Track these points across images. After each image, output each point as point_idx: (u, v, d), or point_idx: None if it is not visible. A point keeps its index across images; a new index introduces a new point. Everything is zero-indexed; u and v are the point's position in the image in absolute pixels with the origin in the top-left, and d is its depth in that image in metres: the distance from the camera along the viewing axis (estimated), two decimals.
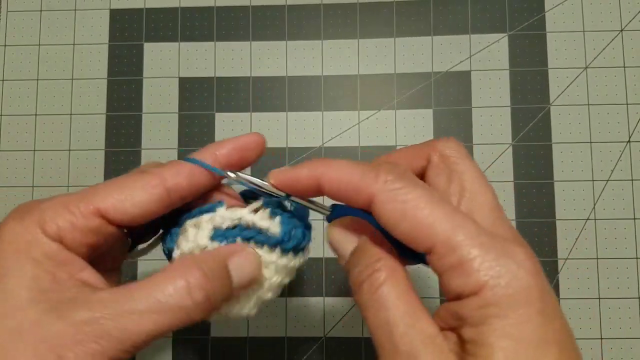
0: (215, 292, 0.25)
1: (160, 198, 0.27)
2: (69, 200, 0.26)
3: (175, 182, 0.27)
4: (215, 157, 0.29)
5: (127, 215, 0.26)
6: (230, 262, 0.26)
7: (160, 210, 0.27)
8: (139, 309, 0.23)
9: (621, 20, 0.47)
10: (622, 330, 0.44)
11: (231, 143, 0.29)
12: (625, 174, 0.46)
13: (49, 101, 0.48)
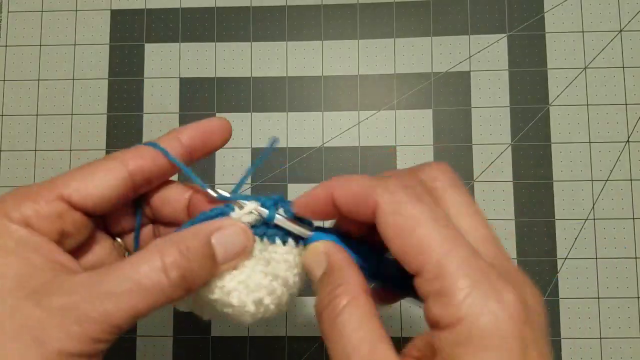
0: (193, 270, 0.25)
1: (122, 181, 0.27)
2: (30, 189, 0.26)
3: (137, 165, 0.27)
4: (179, 141, 0.28)
5: (90, 198, 0.26)
6: (214, 238, 0.26)
7: (124, 193, 0.27)
8: (115, 291, 0.23)
9: (620, 21, 0.47)
10: (622, 329, 0.44)
11: (194, 127, 0.29)
12: (624, 174, 0.46)
13: (49, 101, 0.48)
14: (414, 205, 0.23)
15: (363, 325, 0.23)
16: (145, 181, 0.28)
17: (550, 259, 0.45)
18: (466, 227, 0.24)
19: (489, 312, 0.20)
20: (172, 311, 0.46)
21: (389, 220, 0.23)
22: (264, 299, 0.27)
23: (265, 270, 0.27)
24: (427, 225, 0.22)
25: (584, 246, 0.45)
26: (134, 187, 0.27)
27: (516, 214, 0.46)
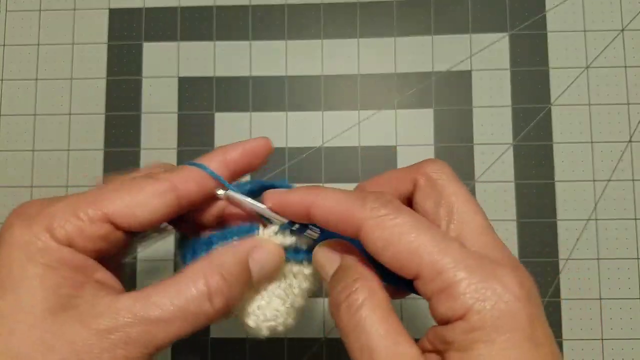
0: (235, 296, 0.25)
1: (170, 204, 0.26)
2: (77, 205, 0.25)
3: (185, 189, 0.27)
4: (224, 162, 0.28)
5: (136, 221, 0.26)
6: (251, 259, 0.26)
7: (169, 216, 0.27)
8: (162, 318, 0.23)
9: (622, 20, 0.47)
10: (623, 330, 0.44)
11: (240, 148, 0.29)
12: (627, 174, 0.45)
13: (48, 101, 0.48)
14: (395, 216, 0.24)
15: (384, 319, 0.23)
16: (191, 205, 0.28)
17: (552, 259, 0.45)
18: (465, 217, 0.25)
19: (493, 294, 0.21)
20: None
21: (374, 236, 0.23)
22: (278, 327, 0.27)
23: (284, 297, 0.28)
24: (413, 231, 0.23)
25: (585, 247, 0.45)
26: (179, 210, 0.27)
27: (518, 214, 0.45)
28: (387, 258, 0.23)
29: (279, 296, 0.28)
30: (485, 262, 0.22)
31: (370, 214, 0.24)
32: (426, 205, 0.26)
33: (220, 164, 0.28)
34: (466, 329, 0.21)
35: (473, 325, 0.21)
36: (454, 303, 0.22)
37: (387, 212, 0.24)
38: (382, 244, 0.23)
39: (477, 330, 0.21)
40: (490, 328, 0.21)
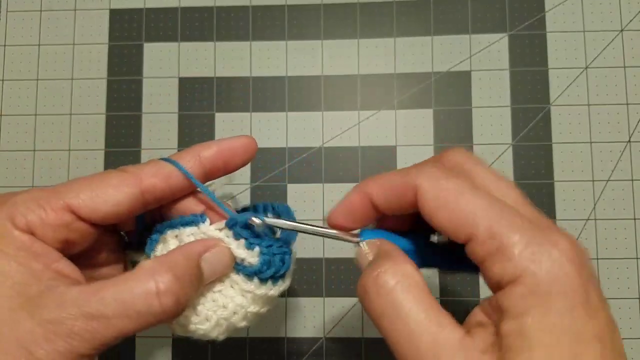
0: (186, 295, 0.25)
1: (133, 198, 0.26)
2: (40, 195, 0.25)
3: (150, 183, 0.26)
4: (199, 160, 0.28)
5: (98, 212, 0.26)
6: (203, 259, 0.26)
7: (134, 210, 0.27)
8: (106, 312, 0.23)
9: (621, 20, 0.47)
10: (623, 330, 0.44)
11: (217, 146, 0.29)
12: (626, 174, 0.46)
13: (48, 101, 0.48)
14: (452, 179, 0.24)
15: (421, 300, 0.23)
16: (157, 200, 0.27)
17: None
18: (501, 194, 0.24)
19: (549, 259, 0.21)
20: None
21: (430, 196, 0.24)
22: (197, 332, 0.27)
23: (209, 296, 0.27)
24: (470, 193, 0.23)
25: (585, 246, 0.45)
26: (144, 204, 0.27)
27: None
28: (441, 219, 0.23)
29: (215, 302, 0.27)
30: (539, 227, 0.22)
31: (429, 177, 0.24)
32: None
33: (194, 162, 0.28)
34: (521, 293, 0.21)
35: (528, 288, 0.21)
36: (508, 264, 0.21)
37: (444, 175, 0.24)
38: (438, 204, 0.23)
39: (532, 295, 0.21)
40: (545, 292, 0.21)
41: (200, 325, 0.27)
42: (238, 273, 0.27)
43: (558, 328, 0.20)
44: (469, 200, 0.23)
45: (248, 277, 0.27)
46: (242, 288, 0.27)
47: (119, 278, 0.24)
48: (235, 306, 0.27)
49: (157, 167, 0.27)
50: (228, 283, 0.28)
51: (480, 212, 0.23)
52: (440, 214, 0.23)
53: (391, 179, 0.26)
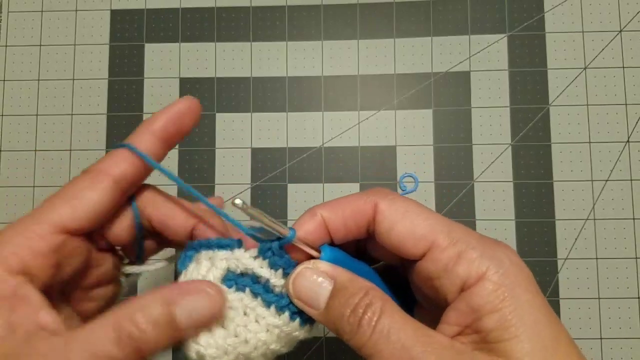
0: (150, 342, 0.24)
1: (110, 191, 0.26)
2: (24, 227, 0.25)
3: (120, 172, 0.26)
4: (152, 133, 0.28)
5: (85, 219, 0.25)
6: (179, 307, 0.24)
7: (116, 202, 0.27)
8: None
9: (620, 21, 0.47)
10: (622, 330, 0.44)
11: (164, 115, 0.28)
12: (625, 174, 0.46)
13: (49, 101, 0.48)
14: (407, 199, 0.26)
15: (406, 319, 0.24)
16: (132, 185, 0.27)
17: (551, 259, 0.45)
18: None
19: (507, 257, 0.24)
20: None
21: (392, 211, 0.25)
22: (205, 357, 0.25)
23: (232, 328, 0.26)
24: (426, 210, 0.26)
25: (584, 246, 0.45)
26: (123, 193, 0.27)
27: (516, 214, 0.46)
28: (401, 231, 0.25)
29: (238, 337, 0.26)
30: (486, 238, 0.25)
31: (387, 195, 0.26)
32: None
33: (149, 137, 0.28)
34: (490, 288, 0.23)
35: (496, 282, 0.23)
36: (472, 264, 0.24)
37: (398, 195, 0.26)
38: (397, 218, 0.25)
39: (501, 287, 0.23)
40: (511, 284, 0.23)
41: (218, 358, 0.25)
42: (269, 307, 0.26)
43: (533, 314, 0.23)
44: (428, 215, 0.25)
45: (278, 310, 0.26)
46: (268, 322, 0.26)
47: (87, 327, 0.24)
48: (258, 341, 0.26)
49: (119, 154, 0.27)
50: (253, 317, 0.26)
51: (439, 223, 0.25)
52: (400, 228, 0.25)
53: (347, 201, 0.27)
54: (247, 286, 0.26)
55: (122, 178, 0.26)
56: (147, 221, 0.29)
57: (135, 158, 0.27)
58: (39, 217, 0.25)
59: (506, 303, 0.23)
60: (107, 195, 0.26)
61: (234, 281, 0.26)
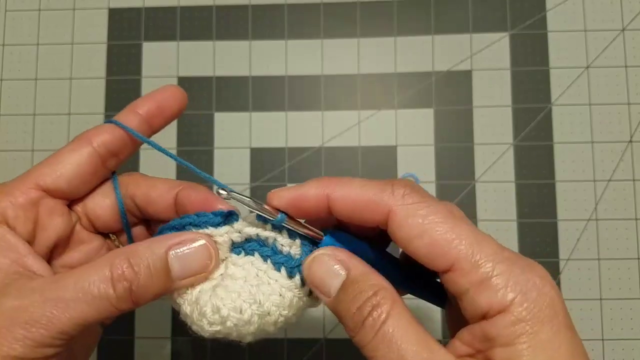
0: (141, 285, 0.25)
1: (89, 157, 0.28)
2: (8, 186, 0.27)
3: (100, 140, 0.28)
4: (137, 114, 0.29)
5: (62, 178, 0.27)
6: (172, 253, 0.25)
7: (94, 168, 0.28)
8: (65, 297, 0.24)
9: (622, 20, 0.47)
10: (624, 330, 0.44)
11: (149, 98, 0.30)
12: (627, 174, 0.45)
13: (47, 100, 0.48)
14: (429, 204, 0.23)
15: (412, 327, 0.22)
16: (111, 154, 0.29)
17: (553, 259, 0.45)
18: None
19: (534, 287, 0.22)
20: (170, 312, 0.45)
21: (407, 223, 0.23)
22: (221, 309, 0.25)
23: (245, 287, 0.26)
24: (448, 220, 0.23)
25: (586, 247, 0.45)
26: (101, 161, 0.28)
27: (518, 214, 0.45)
28: (418, 247, 0.23)
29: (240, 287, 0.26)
30: (519, 256, 0.23)
31: (403, 200, 0.23)
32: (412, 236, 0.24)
33: (134, 117, 0.29)
34: (511, 321, 0.21)
35: (518, 317, 0.21)
36: (496, 295, 0.22)
37: (420, 199, 0.23)
38: (416, 232, 0.23)
39: (522, 322, 0.21)
40: (534, 319, 0.21)
41: (234, 313, 0.25)
42: (279, 270, 0.26)
43: (550, 352, 0.21)
44: (449, 228, 0.23)
45: (289, 273, 0.26)
46: (281, 284, 0.26)
47: (81, 267, 0.25)
48: (271, 306, 0.26)
49: (100, 127, 0.29)
50: (265, 279, 0.26)
51: (460, 241, 0.22)
52: (418, 243, 0.23)
53: (360, 193, 0.24)
54: (255, 250, 0.27)
55: (101, 145, 0.28)
56: (131, 200, 0.30)
57: (118, 131, 0.29)
58: (23, 177, 0.27)
59: (523, 339, 0.21)
60: (85, 159, 0.28)
61: (240, 247, 0.27)
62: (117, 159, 0.29)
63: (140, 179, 0.30)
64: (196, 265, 0.26)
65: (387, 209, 0.24)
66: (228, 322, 0.25)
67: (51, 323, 0.23)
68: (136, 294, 0.25)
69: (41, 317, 0.23)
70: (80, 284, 0.24)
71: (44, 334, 0.23)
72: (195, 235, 0.26)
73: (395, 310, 0.23)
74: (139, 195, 0.29)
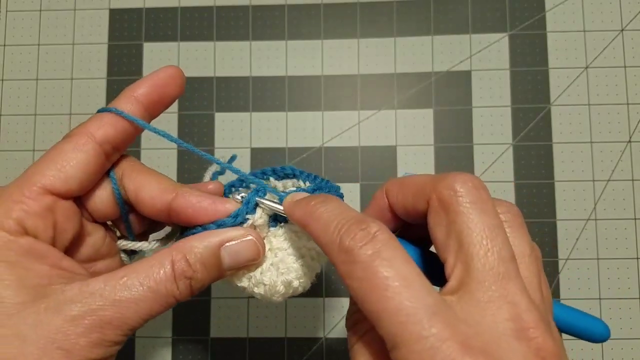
0: (199, 279, 0.26)
1: (94, 153, 0.27)
2: (11, 192, 0.25)
3: (103, 134, 0.27)
4: (135, 99, 0.28)
5: (72, 180, 0.26)
6: (224, 249, 0.27)
7: (100, 166, 0.27)
8: (134, 298, 0.24)
9: (622, 20, 0.47)
10: (623, 330, 0.44)
11: (147, 81, 0.29)
12: (626, 174, 0.45)
13: (48, 101, 0.48)
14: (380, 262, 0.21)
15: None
16: (114, 148, 0.28)
17: (552, 259, 0.45)
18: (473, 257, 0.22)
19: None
20: (171, 312, 0.45)
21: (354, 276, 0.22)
22: (292, 282, 0.28)
23: (296, 253, 0.29)
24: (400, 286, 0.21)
25: (585, 247, 0.45)
26: (106, 155, 0.28)
27: None
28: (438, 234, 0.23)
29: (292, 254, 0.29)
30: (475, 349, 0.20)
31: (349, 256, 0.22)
32: (436, 232, 0.24)
33: (131, 102, 0.28)
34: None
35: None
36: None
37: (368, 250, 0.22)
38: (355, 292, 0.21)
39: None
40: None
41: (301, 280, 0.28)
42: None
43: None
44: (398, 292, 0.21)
45: None
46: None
47: (138, 264, 0.26)
48: (315, 259, 0.29)
49: (101, 117, 0.28)
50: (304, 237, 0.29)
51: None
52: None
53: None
54: (286, 217, 0.29)
55: (105, 142, 0.27)
56: (124, 192, 0.29)
57: (119, 121, 0.28)
58: (26, 178, 0.26)
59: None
60: (92, 157, 0.27)
61: (274, 220, 0.29)
62: (119, 151, 0.29)
63: (133, 172, 0.29)
64: (245, 257, 0.28)
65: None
66: (299, 288, 0.29)
67: (123, 323, 0.24)
68: (194, 287, 0.26)
69: (113, 319, 0.24)
70: (147, 284, 0.25)
71: (118, 333, 0.24)
72: (245, 231, 0.28)
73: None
74: (130, 190, 0.28)
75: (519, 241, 0.24)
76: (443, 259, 0.23)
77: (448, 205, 0.23)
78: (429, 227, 0.24)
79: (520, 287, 0.21)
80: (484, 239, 0.22)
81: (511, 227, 0.24)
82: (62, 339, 0.23)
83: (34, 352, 0.23)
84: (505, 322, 0.21)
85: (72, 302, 0.24)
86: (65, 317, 0.23)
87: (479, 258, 0.22)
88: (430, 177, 0.25)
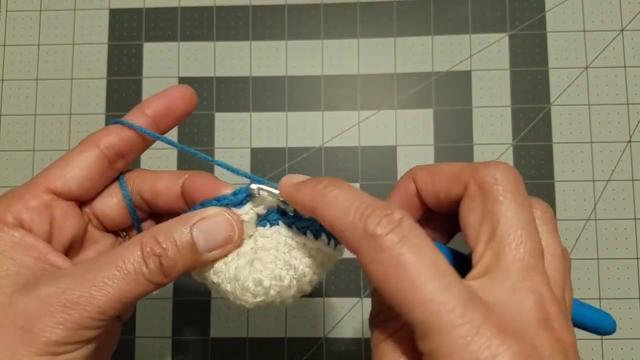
0: (170, 258, 0.26)
1: (96, 158, 0.28)
2: (17, 190, 0.27)
3: (107, 141, 0.29)
4: (144, 114, 0.30)
5: (72, 181, 0.28)
6: (196, 228, 0.26)
7: (102, 170, 0.28)
8: (102, 277, 0.24)
9: (622, 20, 0.47)
10: (623, 330, 0.44)
11: (156, 99, 0.30)
12: (626, 174, 0.45)
13: (48, 101, 0.48)
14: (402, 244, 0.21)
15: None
16: (118, 155, 0.29)
17: None
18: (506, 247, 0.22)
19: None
20: (170, 312, 0.45)
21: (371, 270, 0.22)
22: (263, 281, 0.27)
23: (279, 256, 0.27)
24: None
25: (585, 246, 0.45)
26: (109, 162, 0.29)
27: None
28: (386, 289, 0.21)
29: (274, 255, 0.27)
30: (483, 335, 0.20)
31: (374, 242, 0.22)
32: (469, 218, 0.24)
33: (142, 117, 0.30)
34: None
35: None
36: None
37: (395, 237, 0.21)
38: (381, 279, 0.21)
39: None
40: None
41: (275, 282, 0.27)
42: (305, 233, 0.28)
43: None
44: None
45: (315, 235, 0.28)
46: (310, 247, 0.28)
47: (112, 250, 0.26)
48: (305, 268, 0.28)
49: (106, 129, 0.29)
50: (295, 245, 0.28)
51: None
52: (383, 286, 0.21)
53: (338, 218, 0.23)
54: (278, 219, 0.28)
55: (108, 147, 0.29)
56: (138, 196, 0.30)
57: (124, 130, 0.29)
58: (32, 181, 0.28)
59: None
60: (92, 161, 0.28)
61: (265, 220, 0.28)
62: (125, 160, 0.30)
63: (144, 174, 0.31)
64: (220, 237, 0.27)
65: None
66: (271, 291, 0.27)
67: (90, 303, 0.24)
68: (166, 267, 0.26)
69: (79, 297, 0.24)
70: (115, 263, 0.25)
71: (84, 315, 0.24)
72: (216, 209, 0.27)
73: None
74: (146, 189, 0.30)
75: (552, 240, 0.24)
76: (472, 245, 0.23)
77: (488, 192, 0.23)
78: (460, 213, 0.24)
79: (546, 281, 0.22)
80: (519, 229, 0.22)
81: (547, 224, 0.25)
82: (25, 319, 0.23)
83: None
84: (530, 310, 0.21)
85: (42, 284, 0.24)
86: (32, 297, 0.24)
87: (510, 249, 0.22)
88: (466, 164, 0.25)
